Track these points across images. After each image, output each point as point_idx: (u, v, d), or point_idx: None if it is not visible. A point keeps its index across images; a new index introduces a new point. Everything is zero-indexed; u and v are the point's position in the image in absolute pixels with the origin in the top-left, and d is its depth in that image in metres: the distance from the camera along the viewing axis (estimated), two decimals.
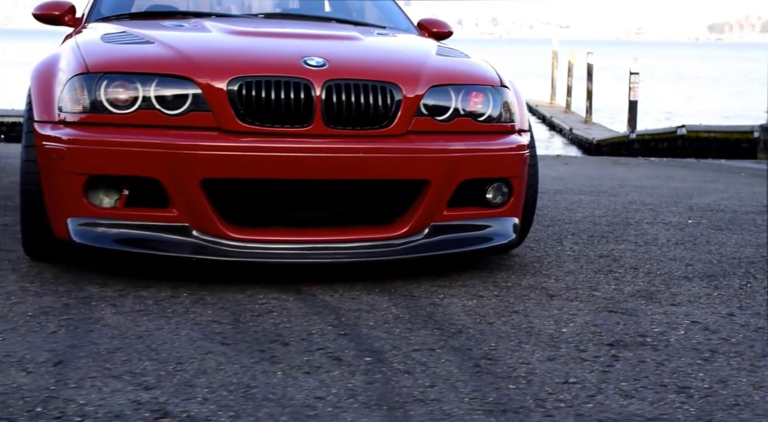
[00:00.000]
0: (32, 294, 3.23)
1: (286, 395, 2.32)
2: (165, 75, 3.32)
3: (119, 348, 2.65)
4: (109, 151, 3.26)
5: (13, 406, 2.19)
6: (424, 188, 3.44)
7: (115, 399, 2.26)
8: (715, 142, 17.57)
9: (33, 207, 3.48)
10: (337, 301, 3.23)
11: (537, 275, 3.73)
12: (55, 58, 3.62)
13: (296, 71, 3.33)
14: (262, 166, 3.27)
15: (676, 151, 17.05)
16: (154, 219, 3.30)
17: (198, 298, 3.22)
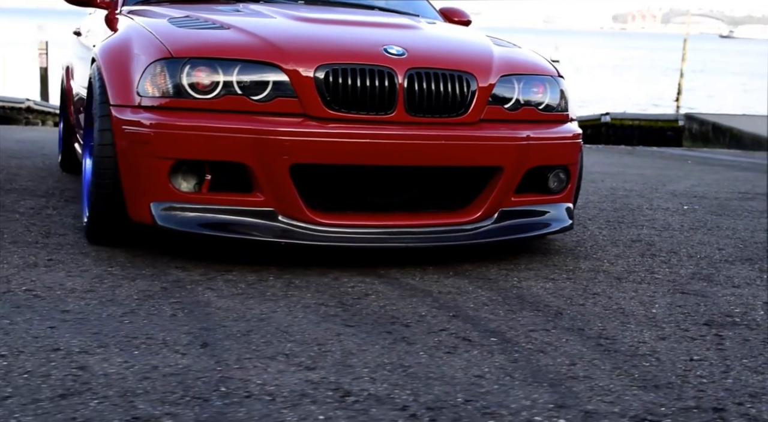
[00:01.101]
0: (121, 278, 3.24)
1: (445, 374, 2.42)
2: (251, 61, 3.35)
3: (251, 331, 2.71)
4: (196, 136, 3.29)
5: (196, 386, 2.24)
6: (497, 174, 3.56)
7: (287, 378, 2.32)
8: (639, 129, 18.08)
9: (108, 191, 3.48)
10: (421, 285, 3.32)
11: (590, 259, 3.88)
12: (125, 41, 3.62)
13: (379, 59, 3.41)
14: (348, 152, 3.34)
15: (600, 137, 17.47)
16: (240, 203, 3.35)
17: (286, 282, 3.27)
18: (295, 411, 2.11)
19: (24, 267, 3.33)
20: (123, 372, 2.31)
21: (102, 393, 2.16)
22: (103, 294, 3.03)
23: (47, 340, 2.52)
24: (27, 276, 3.20)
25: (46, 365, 2.33)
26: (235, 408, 2.11)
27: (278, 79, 3.33)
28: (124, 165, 3.40)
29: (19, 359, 2.37)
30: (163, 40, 3.43)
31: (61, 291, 3.03)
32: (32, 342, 2.50)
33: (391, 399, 2.21)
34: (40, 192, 5.08)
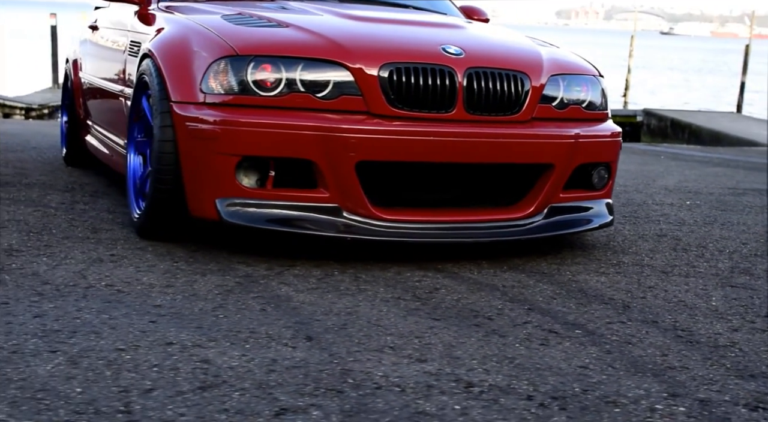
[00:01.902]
0: (191, 273, 3.29)
1: (550, 364, 2.51)
2: (316, 59, 3.41)
3: (345, 325, 2.78)
4: (263, 132, 3.34)
5: (324, 378, 2.31)
6: (549, 171, 3.66)
7: (405, 370, 2.40)
8: None
9: (168, 186, 3.52)
10: (483, 278, 3.42)
11: (628, 253, 4.01)
12: (182, 38, 3.65)
13: (439, 59, 3.49)
14: (412, 150, 3.43)
15: None
16: (305, 199, 3.41)
17: (352, 277, 3.35)
18: (429, 402, 2.19)
19: (90, 262, 3.36)
20: (246, 365, 2.37)
21: (238, 386, 2.22)
22: (183, 290, 3.07)
23: (156, 334, 2.57)
24: (99, 272, 3.23)
25: (169, 358, 2.38)
26: (371, 399, 2.18)
27: (343, 77, 3.39)
28: (188, 161, 3.45)
29: (140, 353, 2.42)
30: (225, 38, 3.47)
31: (141, 287, 3.07)
32: (143, 337, 2.54)
33: (513, 390, 2.30)
34: (60, 186, 5.08)
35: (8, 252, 3.43)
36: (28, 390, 2.12)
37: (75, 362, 2.32)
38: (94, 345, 2.45)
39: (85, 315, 2.71)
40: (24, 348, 2.40)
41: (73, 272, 3.21)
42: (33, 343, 2.44)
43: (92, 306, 2.82)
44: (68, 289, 2.99)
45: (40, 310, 2.75)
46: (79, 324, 2.63)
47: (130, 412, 2.03)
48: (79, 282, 3.08)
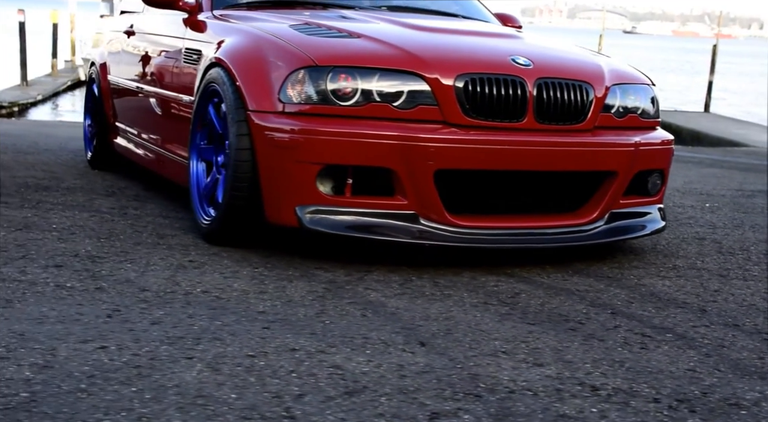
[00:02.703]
0: (277, 279, 3.37)
1: (660, 368, 2.63)
2: (393, 70, 3.51)
3: (449, 330, 2.88)
4: (345, 141, 3.43)
5: (457, 383, 2.40)
6: (611, 178, 3.79)
7: (528, 374, 2.50)
8: None
9: (244, 193, 3.60)
10: (555, 283, 3.54)
11: (679, 257, 4.14)
12: (254, 48, 3.72)
13: (510, 69, 3.60)
14: (488, 158, 3.53)
15: None
16: (383, 207, 3.50)
17: (431, 282, 3.45)
18: (565, 405, 2.30)
19: (174, 269, 3.43)
20: (377, 370, 2.46)
21: (381, 391, 2.31)
22: (278, 296, 3.15)
23: (275, 341, 2.66)
24: (188, 278, 3.30)
25: (301, 365, 2.47)
26: (511, 403, 2.29)
27: (419, 87, 3.49)
28: (267, 169, 3.52)
29: (270, 359, 2.50)
30: (303, 49, 3.55)
31: (236, 293, 3.15)
32: (265, 343, 2.62)
33: (637, 393, 2.41)
34: (100, 191, 5.13)
35: (91, 259, 3.49)
36: (187, 397, 2.20)
37: (215, 368, 2.40)
38: (223, 352, 2.53)
39: (199, 322, 2.79)
40: (159, 355, 2.48)
41: (163, 278, 3.28)
42: (165, 350, 2.51)
43: (200, 312, 2.89)
44: (168, 296, 3.06)
45: (154, 317, 2.82)
46: (198, 330, 2.70)
47: (294, 417, 2.12)
48: (174, 289, 3.15)
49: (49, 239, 3.80)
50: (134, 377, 2.30)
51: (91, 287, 3.11)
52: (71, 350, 2.47)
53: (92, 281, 3.19)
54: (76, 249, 3.63)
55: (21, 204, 4.56)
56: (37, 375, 2.28)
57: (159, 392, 2.22)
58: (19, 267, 3.32)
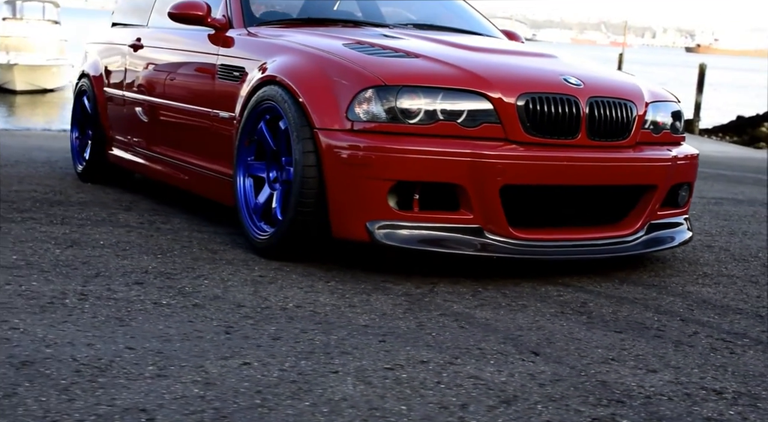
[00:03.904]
0: (356, 293, 3.47)
1: (762, 371, 2.83)
2: (458, 89, 3.65)
3: (548, 339, 3.03)
4: (416, 159, 3.56)
5: (594, 390, 2.56)
6: (652, 191, 4.00)
7: (652, 380, 2.67)
8: None
9: (310, 209, 3.70)
10: (610, 292, 3.72)
11: (702, 265, 4.38)
12: (315, 67, 3.82)
13: (564, 89, 3.78)
14: (549, 174, 3.71)
15: None
16: (449, 221, 3.64)
17: (499, 293, 3.60)
18: (704, 408, 2.47)
19: (251, 284, 3.51)
20: (513, 379, 2.60)
21: (532, 399, 2.45)
22: (368, 309, 3.26)
23: (400, 353, 2.77)
24: (271, 293, 3.39)
25: (441, 376, 2.59)
26: (655, 408, 2.45)
27: (483, 106, 3.64)
28: (336, 185, 3.63)
29: (408, 370, 2.62)
30: (368, 69, 3.67)
31: (328, 307, 3.25)
32: (392, 356, 2.74)
33: (758, 395, 2.60)
34: (114, 205, 5.14)
35: (166, 276, 3.54)
36: (361, 409, 2.31)
37: (366, 381, 2.50)
38: (360, 365, 2.63)
39: (317, 337, 2.89)
40: (304, 369, 2.57)
41: (248, 294, 3.35)
42: (306, 365, 2.61)
43: (310, 327, 2.99)
44: (267, 311, 3.14)
45: (270, 333, 2.90)
46: (321, 345, 2.80)
47: None
48: (268, 304, 3.23)
49: (108, 256, 3.82)
50: (299, 392, 2.39)
51: (188, 304, 3.17)
52: (219, 367, 2.54)
53: (183, 298, 3.24)
54: (142, 266, 3.67)
55: (48, 219, 4.55)
56: (207, 392, 2.35)
57: (333, 406, 2.31)
58: (102, 285, 3.35)
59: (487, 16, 5.47)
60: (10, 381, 2.33)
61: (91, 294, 3.21)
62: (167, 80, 5.03)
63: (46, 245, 3.95)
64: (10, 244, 3.92)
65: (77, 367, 2.47)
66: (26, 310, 2.97)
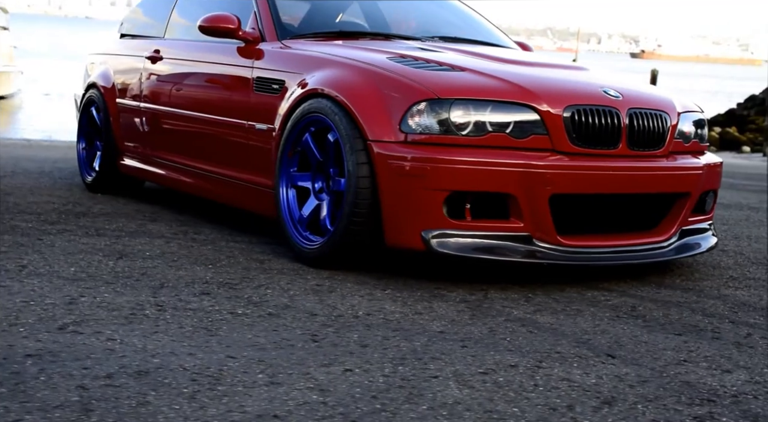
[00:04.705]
0: (416, 300, 3.58)
1: None
2: (507, 102, 3.78)
3: (616, 342, 3.16)
4: (470, 169, 3.69)
5: (682, 390, 2.69)
6: (685, 198, 4.17)
7: (729, 379, 2.81)
8: None
9: (363, 219, 3.80)
10: (653, 295, 3.87)
11: (725, 269, 4.55)
12: (364, 80, 3.92)
13: (606, 101, 3.93)
14: (593, 183, 3.85)
15: None
16: (500, 229, 3.77)
17: (550, 298, 3.73)
18: None
19: (312, 293, 3.60)
20: (603, 381, 2.72)
21: (630, 400, 2.58)
22: (435, 316, 3.37)
23: (486, 357, 2.88)
24: (337, 302, 3.48)
25: (534, 379, 2.71)
26: (747, 406, 2.58)
27: (532, 118, 3.78)
28: (390, 196, 3.73)
29: (502, 374, 2.73)
30: (419, 82, 3.79)
31: (398, 314, 3.35)
32: (480, 360, 2.85)
33: None
34: (138, 215, 5.19)
35: (228, 286, 3.62)
36: (477, 412, 2.42)
37: (468, 385, 2.62)
38: (455, 370, 2.74)
39: (401, 343, 2.99)
40: (405, 375, 2.67)
41: (315, 303, 3.44)
42: (406, 371, 2.71)
43: (391, 334, 3.09)
44: (342, 319, 3.24)
45: (355, 340, 3.00)
46: (408, 351, 2.90)
47: None
48: (341, 313, 3.32)
49: (161, 267, 3.89)
50: (412, 396, 2.50)
51: (263, 313, 3.25)
52: (324, 374, 2.64)
53: (256, 308, 3.32)
54: (199, 277, 3.74)
55: (83, 231, 4.60)
56: (325, 398, 2.45)
57: (449, 409, 2.42)
58: (171, 296, 3.42)
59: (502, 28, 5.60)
60: (137, 390, 2.40)
61: (167, 305, 3.28)
62: (193, 92, 5.10)
63: (96, 257, 4.00)
64: (61, 256, 3.96)
65: (191, 376, 2.54)
66: (113, 322, 3.03)
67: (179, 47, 5.37)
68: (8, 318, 2.99)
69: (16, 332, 2.85)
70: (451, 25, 5.38)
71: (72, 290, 3.40)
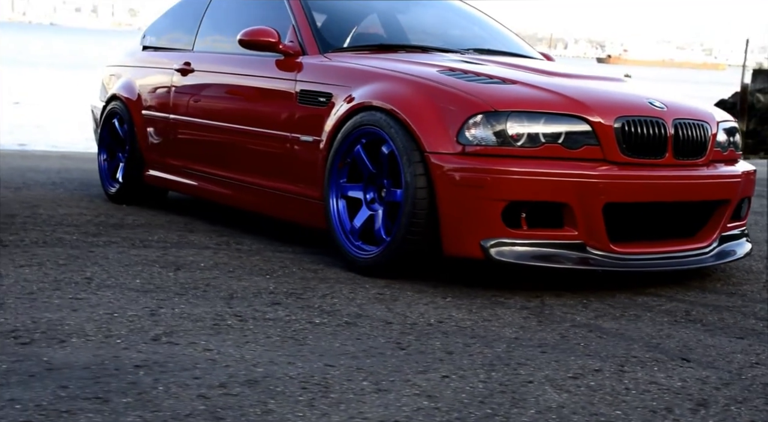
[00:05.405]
0: (479, 307, 3.68)
1: None
2: (561, 114, 3.90)
3: (687, 346, 3.27)
4: (528, 180, 3.80)
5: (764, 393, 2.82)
6: (726, 205, 4.30)
7: None
8: None
9: (421, 229, 3.90)
10: (700, 300, 4.00)
11: (760, 273, 4.70)
12: (420, 93, 4.01)
13: (652, 112, 4.06)
14: (644, 192, 3.98)
15: None
16: (555, 237, 3.88)
17: (604, 304, 3.84)
18: None
19: (377, 301, 3.68)
20: (689, 383, 2.83)
21: (722, 402, 2.69)
22: (500, 322, 3.47)
23: (569, 362, 2.98)
24: (405, 310, 3.57)
25: (622, 382, 2.81)
26: None
27: (584, 129, 3.89)
28: (449, 206, 3.83)
29: (591, 378, 2.83)
30: (475, 95, 3.90)
31: (469, 322, 3.44)
32: (565, 365, 2.95)
33: None
34: (174, 226, 5.24)
35: (295, 296, 3.70)
36: (584, 415, 2.52)
37: (565, 389, 2.72)
38: (548, 375, 2.84)
39: (484, 350, 3.09)
40: (501, 379, 2.77)
41: (385, 311, 3.53)
42: (498, 375, 2.81)
43: (471, 342, 3.19)
44: (418, 328, 3.33)
45: (438, 347, 3.09)
46: (493, 357, 3.00)
47: None
48: (413, 321, 3.41)
49: (222, 278, 3.96)
50: (517, 401, 2.60)
51: (341, 322, 3.34)
52: (425, 380, 2.73)
53: (331, 317, 3.41)
54: (263, 287, 3.82)
55: (129, 243, 4.66)
56: (436, 403, 2.54)
57: (557, 413, 2.52)
58: (245, 306, 3.49)
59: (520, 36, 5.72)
60: (256, 399, 2.49)
61: (245, 315, 3.35)
62: (228, 104, 5.17)
63: (154, 268, 4.06)
64: (120, 268, 4.03)
65: (300, 384, 2.62)
66: (201, 332, 3.11)
67: (211, 60, 5.44)
68: (101, 330, 3.05)
69: (114, 343, 2.92)
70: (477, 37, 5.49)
71: (148, 302, 3.46)
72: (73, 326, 3.08)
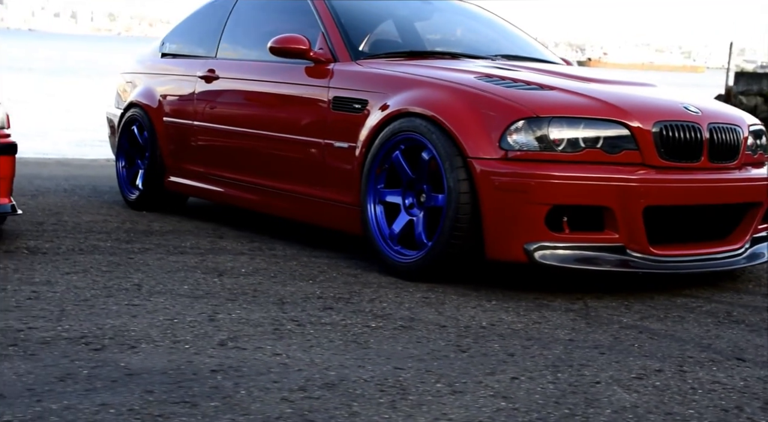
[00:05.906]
0: (526, 310, 3.74)
1: None
2: (601, 119, 3.97)
3: (739, 348, 3.33)
4: (570, 184, 3.86)
5: None
6: (757, 208, 4.38)
7: None
8: None
9: (464, 233, 3.96)
10: (738, 301, 4.06)
11: None
12: (460, 99, 4.06)
13: (688, 117, 4.13)
14: (682, 195, 4.05)
15: None
16: (597, 240, 3.94)
17: (646, 306, 3.90)
18: None
19: (425, 305, 3.73)
20: (752, 383, 2.89)
21: None
22: (550, 325, 3.53)
23: (628, 363, 3.04)
24: (457, 314, 3.62)
25: (685, 383, 2.87)
26: None
27: (623, 134, 3.96)
28: (492, 211, 3.89)
29: (654, 378, 2.89)
30: (516, 101, 3.96)
31: (520, 324, 3.50)
32: (626, 366, 3.01)
33: None
34: (202, 233, 5.27)
35: (344, 301, 3.74)
36: (661, 414, 2.58)
37: (633, 389, 2.78)
38: (612, 376, 2.90)
39: (542, 352, 3.14)
40: (568, 380, 2.83)
41: (437, 315, 3.58)
42: (564, 377, 2.86)
43: (525, 343, 3.25)
44: (473, 331, 3.38)
45: (498, 350, 3.15)
46: (554, 359, 3.05)
47: None
48: (466, 324, 3.47)
49: (268, 283, 4.00)
50: (591, 401, 2.65)
51: (396, 326, 3.39)
52: (495, 382, 2.78)
53: (385, 321, 3.46)
54: (310, 292, 3.86)
55: (164, 250, 4.69)
56: (514, 404, 2.60)
57: (632, 412, 2.58)
58: (299, 311, 3.54)
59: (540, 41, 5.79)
60: (340, 402, 2.53)
61: (302, 320, 3.40)
62: (256, 111, 5.22)
63: (197, 274, 4.10)
64: (164, 275, 4.06)
65: (377, 387, 2.67)
66: (265, 337, 3.15)
67: (236, 67, 5.47)
68: (167, 336, 3.09)
69: (184, 349, 2.96)
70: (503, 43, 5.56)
71: (203, 307, 3.50)
72: (138, 332, 3.12)
